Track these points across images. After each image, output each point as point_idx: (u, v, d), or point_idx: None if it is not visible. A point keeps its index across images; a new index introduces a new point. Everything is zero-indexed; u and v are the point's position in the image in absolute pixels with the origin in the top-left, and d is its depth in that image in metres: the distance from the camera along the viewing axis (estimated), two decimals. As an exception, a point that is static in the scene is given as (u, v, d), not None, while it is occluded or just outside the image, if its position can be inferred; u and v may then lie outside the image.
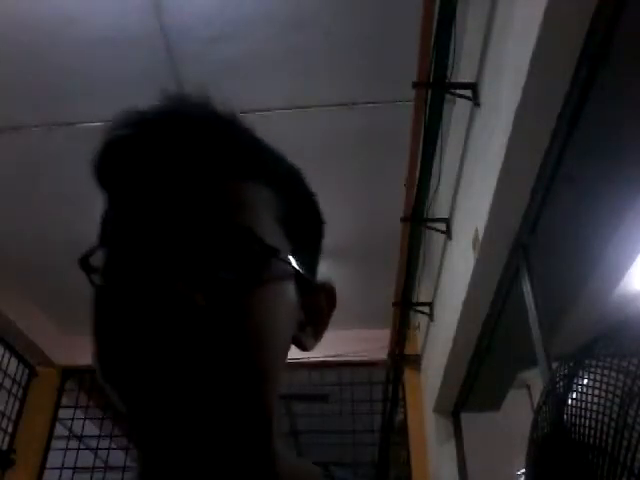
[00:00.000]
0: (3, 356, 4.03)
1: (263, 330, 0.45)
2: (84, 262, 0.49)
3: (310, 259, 0.53)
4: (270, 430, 0.49)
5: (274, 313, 0.46)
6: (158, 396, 0.41)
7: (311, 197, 0.56)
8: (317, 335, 0.53)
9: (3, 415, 4.03)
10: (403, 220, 2.73)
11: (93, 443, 4.40)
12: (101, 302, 0.47)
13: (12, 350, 4.09)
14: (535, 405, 0.68)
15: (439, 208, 2.90)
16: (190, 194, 0.46)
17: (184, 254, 0.43)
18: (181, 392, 0.41)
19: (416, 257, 3.00)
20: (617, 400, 0.56)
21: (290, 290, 0.49)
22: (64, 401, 4.37)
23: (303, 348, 0.52)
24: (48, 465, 4.11)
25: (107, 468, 4.41)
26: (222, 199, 0.46)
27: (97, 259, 0.49)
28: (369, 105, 2.73)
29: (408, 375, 4.13)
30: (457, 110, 2.52)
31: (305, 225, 0.53)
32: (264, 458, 0.48)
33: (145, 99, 0.49)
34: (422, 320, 3.77)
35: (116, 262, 0.47)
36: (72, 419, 4.32)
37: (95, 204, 0.55)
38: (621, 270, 2.80)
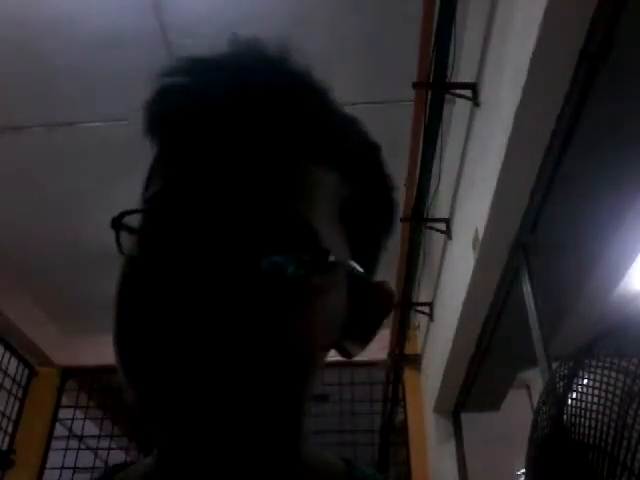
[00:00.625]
0: (3, 356, 4.02)
1: (302, 330, 0.39)
2: (117, 221, 0.42)
3: (371, 256, 0.47)
4: (299, 429, 0.46)
5: (324, 315, 0.41)
6: (182, 388, 0.37)
7: (385, 183, 0.49)
8: (364, 342, 0.47)
9: (3, 415, 4.02)
10: (403, 220, 2.73)
11: (93, 443, 4.40)
12: (129, 272, 0.41)
13: (12, 350, 4.09)
14: (535, 405, 0.68)
15: (439, 208, 2.89)
16: (246, 169, 0.40)
17: (228, 235, 0.38)
18: (207, 384, 0.37)
19: (416, 257, 3.00)
20: (617, 400, 0.56)
21: (341, 291, 0.43)
22: (64, 401, 4.37)
23: (346, 355, 0.47)
24: (48, 465, 4.11)
25: None
26: (283, 180, 0.40)
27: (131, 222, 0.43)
28: (369, 105, 2.72)
29: (408, 375, 4.12)
30: (457, 110, 2.52)
31: (372, 217, 0.47)
32: (291, 454, 0.45)
33: (145, 99, 0.47)
34: (422, 320, 3.77)
35: (152, 228, 0.41)
36: (72, 419, 4.32)
37: (95, 204, 0.54)
38: (621, 270, 2.79)
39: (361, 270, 0.44)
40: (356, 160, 0.46)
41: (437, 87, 2.13)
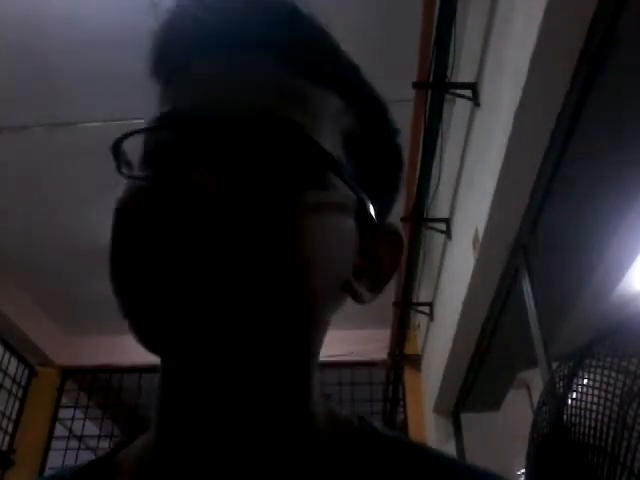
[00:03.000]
0: (3, 356, 4.02)
1: (310, 251, 0.37)
2: (116, 146, 0.41)
3: (377, 196, 0.45)
4: (309, 374, 0.43)
5: (326, 237, 0.39)
6: (180, 327, 0.35)
7: (390, 128, 0.48)
8: (375, 288, 0.45)
9: (3, 415, 4.02)
10: (403, 220, 2.73)
11: (93, 443, 4.40)
12: (125, 195, 0.39)
13: (12, 350, 4.09)
14: (535, 405, 0.68)
15: (439, 208, 2.89)
16: (246, 86, 0.40)
17: (217, 145, 0.37)
18: (206, 319, 0.35)
19: (416, 257, 3.00)
20: (617, 400, 0.56)
21: (347, 222, 0.41)
22: (64, 401, 4.37)
23: (358, 299, 0.44)
24: (48, 465, 4.11)
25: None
26: (282, 93, 0.40)
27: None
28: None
29: (408, 375, 4.12)
30: (457, 110, 2.52)
31: (377, 154, 0.45)
32: (299, 401, 0.42)
33: (145, 99, 0.47)
34: (422, 320, 3.77)
35: (145, 153, 0.41)
36: (72, 419, 4.32)
37: (95, 204, 0.54)
38: (621, 270, 2.80)
39: (366, 197, 0.42)
40: (361, 93, 0.45)
41: (437, 87, 2.13)
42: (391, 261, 0.46)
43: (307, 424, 0.43)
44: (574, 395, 0.62)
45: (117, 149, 0.41)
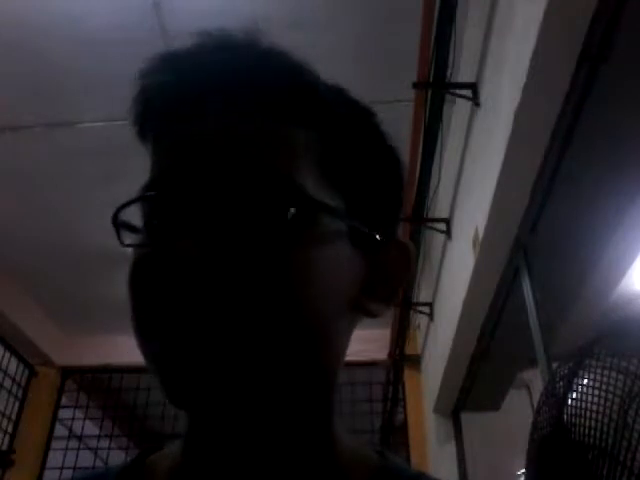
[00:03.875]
0: (3, 356, 4.02)
1: (305, 289, 0.39)
2: (115, 219, 0.44)
3: (375, 213, 0.46)
4: (329, 404, 0.45)
5: (321, 269, 0.40)
6: (199, 382, 0.38)
7: (380, 140, 0.49)
8: (388, 300, 0.46)
9: (3, 415, 4.02)
10: (403, 220, 2.73)
11: (93, 443, 4.40)
12: (133, 264, 0.42)
13: (12, 350, 4.08)
14: (535, 405, 0.68)
15: (439, 208, 2.89)
16: (226, 140, 0.41)
17: (206, 205, 0.39)
18: (222, 370, 0.37)
19: (416, 257, 3.00)
20: (617, 400, 0.56)
21: (342, 249, 0.43)
22: (64, 401, 4.37)
23: (371, 314, 0.46)
24: (48, 465, 4.11)
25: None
26: (258, 141, 0.41)
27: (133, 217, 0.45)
28: (369, 105, 2.72)
29: (408, 375, 4.12)
30: (457, 110, 2.52)
31: (367, 174, 0.46)
32: (321, 436, 0.43)
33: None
34: (422, 320, 3.77)
35: (144, 218, 0.43)
36: (72, 419, 4.32)
37: (95, 204, 0.54)
38: (621, 270, 2.79)
39: (363, 225, 0.44)
40: (335, 118, 0.45)
41: (437, 87, 2.13)
42: (401, 273, 0.47)
43: (329, 456, 0.44)
44: (574, 395, 0.62)
45: (116, 220, 0.44)
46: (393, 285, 0.47)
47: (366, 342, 4.14)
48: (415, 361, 4.08)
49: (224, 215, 0.39)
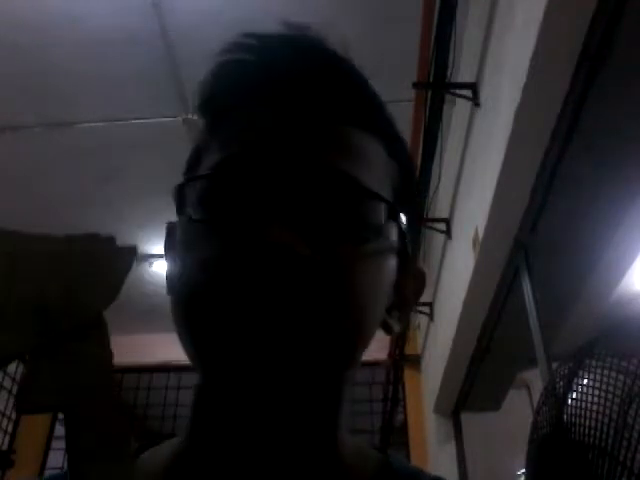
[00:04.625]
0: (3, 356, 4.02)
1: (366, 295, 0.40)
2: (180, 191, 0.42)
3: (412, 239, 0.48)
4: (342, 404, 0.45)
5: (378, 280, 0.42)
6: (246, 352, 0.37)
7: (414, 172, 0.52)
8: (401, 320, 0.48)
9: (3, 415, 4.03)
10: (403, 220, 2.73)
11: (93, 443, 4.39)
12: (190, 236, 0.41)
13: (12, 350, 4.08)
14: (535, 405, 0.68)
15: (439, 208, 2.90)
16: (305, 136, 0.41)
17: (287, 198, 0.38)
18: (272, 349, 0.37)
19: (416, 257, 3.00)
20: (617, 400, 0.56)
21: (392, 262, 0.44)
22: (64, 401, 4.36)
23: (389, 330, 0.47)
24: (48, 465, 4.11)
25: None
26: (340, 146, 0.41)
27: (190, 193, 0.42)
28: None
29: (408, 375, 4.13)
30: (457, 110, 2.52)
31: (410, 198, 0.48)
32: (329, 435, 0.44)
33: (145, 99, 0.47)
34: (422, 320, 3.77)
35: (211, 198, 0.41)
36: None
37: (95, 204, 0.53)
38: (621, 270, 2.80)
39: (410, 241, 0.46)
40: (399, 144, 0.48)
41: (437, 87, 2.13)
42: (415, 296, 0.50)
43: (334, 454, 0.44)
44: (574, 395, 0.62)
45: (181, 193, 0.42)
46: (407, 306, 0.49)
47: (366, 342, 4.14)
48: (415, 361, 4.09)
49: (314, 216, 0.39)
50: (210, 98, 0.46)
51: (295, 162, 0.40)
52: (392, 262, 0.44)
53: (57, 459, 4.14)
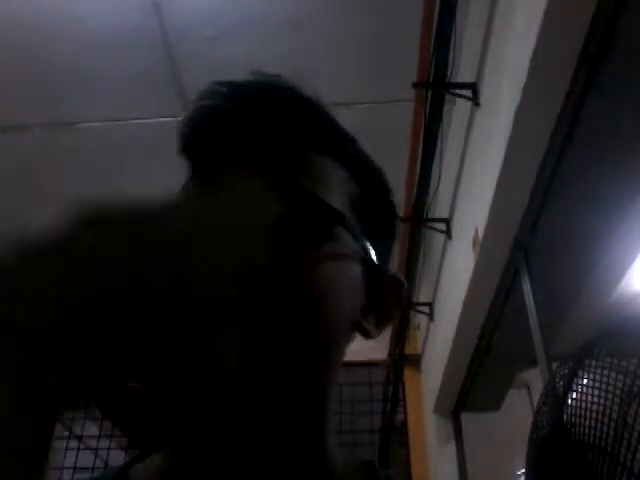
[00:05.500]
0: (3, 356, 4.02)
1: (326, 296, 0.43)
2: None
3: (377, 246, 0.51)
4: (325, 418, 0.46)
5: (337, 283, 0.44)
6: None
7: (386, 189, 0.55)
8: (380, 327, 0.51)
9: (3, 415, 4.02)
10: (403, 220, 2.73)
11: (93, 443, 4.40)
12: None
13: (12, 350, 4.08)
14: (535, 405, 0.68)
15: (439, 208, 2.89)
16: (266, 162, 0.46)
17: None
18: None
19: (416, 257, 3.00)
20: (617, 400, 0.56)
21: (356, 269, 0.47)
22: (64, 401, 4.36)
23: (366, 335, 0.50)
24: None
25: (107, 468, 4.41)
26: (298, 167, 0.47)
27: None
28: (369, 105, 2.72)
29: (408, 375, 4.12)
30: (457, 110, 2.52)
31: (376, 215, 0.52)
32: (316, 449, 0.44)
33: (145, 99, 0.49)
34: (422, 320, 3.77)
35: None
36: (72, 419, 4.32)
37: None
38: (621, 270, 2.80)
39: (371, 250, 0.48)
40: (362, 163, 0.53)
41: (437, 87, 2.13)
42: (394, 301, 0.52)
43: (322, 470, 0.44)
44: (574, 395, 0.62)
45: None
46: (387, 313, 0.51)
47: (366, 342, 4.14)
48: (415, 361, 4.08)
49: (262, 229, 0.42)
50: (188, 143, 0.51)
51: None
52: (353, 268, 0.47)
53: (57, 459, 4.13)
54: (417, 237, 2.86)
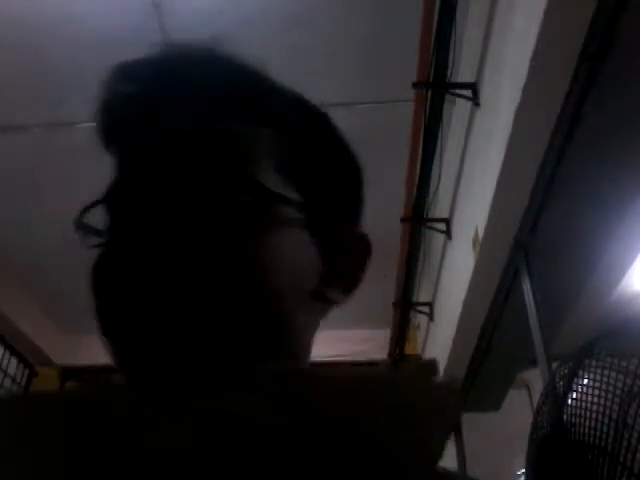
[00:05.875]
0: (3, 356, 4.02)
1: (263, 275, 0.40)
2: (79, 223, 0.48)
3: (332, 206, 0.47)
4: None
5: (278, 257, 0.41)
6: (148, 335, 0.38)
7: (332, 138, 0.50)
8: (347, 290, 0.47)
9: (3, 415, 4.02)
10: (403, 220, 2.73)
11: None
12: (98, 264, 0.46)
13: (12, 350, 4.08)
14: (535, 405, 0.68)
15: (439, 208, 2.89)
16: (182, 143, 0.44)
17: (165, 203, 0.41)
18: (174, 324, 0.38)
19: (416, 257, 3.00)
20: (617, 400, 0.56)
21: (298, 235, 0.44)
22: (64, 401, 4.37)
23: (331, 303, 0.47)
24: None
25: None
26: (212, 140, 0.44)
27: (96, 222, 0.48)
28: (369, 105, 2.72)
29: (408, 375, 4.12)
30: (457, 110, 2.52)
31: (320, 169, 0.48)
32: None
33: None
34: (422, 320, 3.77)
35: (113, 221, 0.47)
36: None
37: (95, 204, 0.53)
38: (621, 270, 2.80)
39: (318, 217, 0.45)
40: (288, 117, 0.48)
41: (437, 87, 2.13)
42: (360, 263, 0.48)
43: None
44: (574, 395, 0.62)
45: (80, 225, 0.48)
46: (352, 275, 0.48)
47: (366, 342, 4.14)
48: (415, 361, 4.08)
49: (182, 210, 0.41)
50: (102, 133, 0.52)
51: (169, 172, 0.43)
52: (295, 236, 0.44)
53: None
54: (417, 237, 2.86)
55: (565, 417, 0.61)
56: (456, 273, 2.67)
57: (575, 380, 0.63)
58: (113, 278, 0.42)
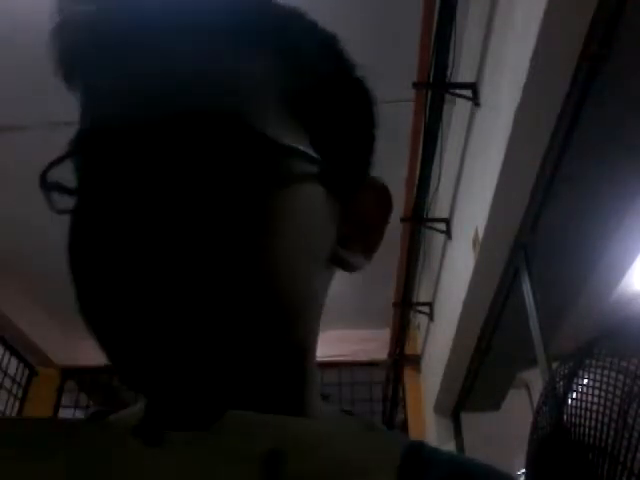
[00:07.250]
0: (3, 356, 4.03)
1: (275, 240, 0.33)
2: (43, 180, 0.39)
3: (347, 152, 0.40)
4: (304, 372, 0.39)
5: (290, 218, 0.35)
6: (149, 339, 0.32)
7: (348, 72, 0.43)
8: (369, 250, 0.41)
9: (3, 415, 4.02)
10: (403, 220, 2.73)
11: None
12: (73, 226, 0.37)
13: (12, 350, 4.09)
14: (535, 405, 0.68)
15: (439, 208, 2.89)
16: (166, 80, 0.35)
17: (162, 154, 0.33)
18: (179, 335, 0.32)
19: (416, 257, 3.00)
20: (617, 400, 0.56)
21: (313, 192, 0.37)
22: (64, 401, 4.37)
23: (350, 268, 0.40)
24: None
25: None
26: (203, 77, 0.35)
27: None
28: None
29: (408, 375, 4.13)
30: (457, 110, 2.52)
31: (333, 106, 0.40)
32: (294, 406, 0.37)
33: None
34: (422, 320, 3.77)
35: (85, 174, 0.38)
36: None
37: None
38: (621, 270, 2.80)
39: (334, 167, 0.38)
40: (295, 44, 0.39)
41: (437, 87, 2.13)
42: (380, 219, 0.42)
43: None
44: (574, 395, 0.62)
45: (44, 183, 0.39)
46: (372, 234, 0.41)
47: (366, 342, 4.15)
48: (415, 361, 4.09)
49: (169, 167, 0.33)
50: (63, 68, 0.41)
51: (152, 118, 0.34)
52: (308, 193, 0.36)
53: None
54: (417, 237, 2.86)
55: (565, 417, 0.61)
56: (456, 273, 2.67)
57: (575, 380, 0.63)
58: (92, 259, 0.34)
